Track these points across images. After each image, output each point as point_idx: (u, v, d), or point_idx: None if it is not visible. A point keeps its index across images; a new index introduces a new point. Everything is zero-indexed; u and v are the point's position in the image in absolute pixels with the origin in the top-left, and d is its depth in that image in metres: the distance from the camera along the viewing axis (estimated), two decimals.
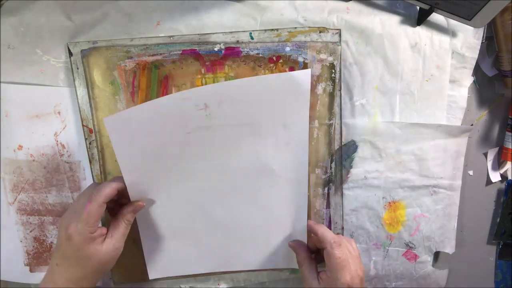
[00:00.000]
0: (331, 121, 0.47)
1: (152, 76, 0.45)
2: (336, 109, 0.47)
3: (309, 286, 0.42)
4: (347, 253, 0.40)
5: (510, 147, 0.52)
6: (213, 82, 0.44)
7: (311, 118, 0.47)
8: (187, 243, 0.48)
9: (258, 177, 0.46)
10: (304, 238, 0.49)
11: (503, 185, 0.56)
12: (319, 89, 0.46)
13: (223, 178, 0.45)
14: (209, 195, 0.46)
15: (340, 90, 0.47)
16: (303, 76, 0.41)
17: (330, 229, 0.51)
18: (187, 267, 0.50)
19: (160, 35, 0.44)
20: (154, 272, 0.49)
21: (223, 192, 0.46)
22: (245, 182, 0.46)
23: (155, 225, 0.47)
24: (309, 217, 0.50)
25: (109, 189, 0.39)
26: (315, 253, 0.46)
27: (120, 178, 0.41)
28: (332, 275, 0.40)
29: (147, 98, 0.45)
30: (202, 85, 0.44)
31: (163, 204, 0.45)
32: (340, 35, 0.45)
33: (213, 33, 0.44)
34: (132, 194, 0.42)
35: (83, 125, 0.46)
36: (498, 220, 0.57)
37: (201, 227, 0.48)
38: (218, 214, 0.47)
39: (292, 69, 0.45)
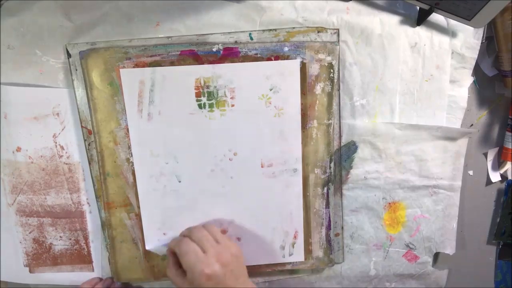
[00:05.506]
0: (330, 121, 0.47)
1: None
2: (335, 108, 0.47)
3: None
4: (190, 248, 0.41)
5: (510, 147, 0.52)
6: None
7: (310, 118, 0.47)
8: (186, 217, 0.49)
9: (254, 167, 0.47)
10: (300, 229, 0.50)
11: (503, 185, 0.56)
12: (318, 89, 0.46)
13: (220, 165, 0.47)
14: (206, 183, 0.47)
15: (338, 90, 0.47)
16: (292, 65, 0.44)
17: (330, 229, 0.51)
18: None
19: (160, 35, 0.44)
20: (150, 243, 0.49)
21: (220, 180, 0.47)
22: (242, 171, 0.47)
23: (156, 198, 0.48)
24: (308, 217, 0.50)
25: None
26: None
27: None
28: (188, 275, 0.39)
29: None
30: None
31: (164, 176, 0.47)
32: (338, 35, 0.45)
33: (212, 34, 0.44)
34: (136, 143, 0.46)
35: (82, 126, 0.46)
36: (498, 220, 0.57)
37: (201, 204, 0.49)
38: (216, 203, 0.48)
39: None
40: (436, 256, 0.56)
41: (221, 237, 0.43)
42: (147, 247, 0.49)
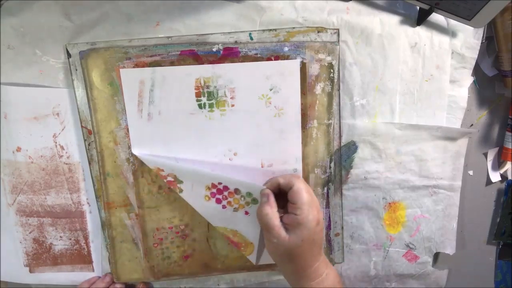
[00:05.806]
0: (330, 121, 0.47)
1: None
2: (335, 108, 0.47)
3: (275, 238, 0.39)
4: (309, 189, 0.41)
5: (510, 147, 0.52)
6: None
7: (310, 118, 0.47)
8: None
9: (254, 167, 0.47)
10: None
11: (503, 185, 0.56)
12: (318, 89, 0.46)
13: (220, 165, 0.47)
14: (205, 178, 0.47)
15: (338, 90, 0.47)
16: (292, 65, 0.44)
17: (330, 229, 0.51)
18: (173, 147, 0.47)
19: (160, 35, 0.44)
20: (137, 148, 0.47)
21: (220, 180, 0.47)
22: (242, 171, 0.47)
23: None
24: None
25: None
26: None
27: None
28: (303, 213, 0.38)
29: None
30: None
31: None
32: (338, 35, 0.45)
33: (212, 34, 0.44)
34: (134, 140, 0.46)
35: (82, 126, 0.46)
36: (498, 220, 0.57)
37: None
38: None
39: None
40: (436, 256, 0.56)
41: None
42: (133, 151, 0.46)
